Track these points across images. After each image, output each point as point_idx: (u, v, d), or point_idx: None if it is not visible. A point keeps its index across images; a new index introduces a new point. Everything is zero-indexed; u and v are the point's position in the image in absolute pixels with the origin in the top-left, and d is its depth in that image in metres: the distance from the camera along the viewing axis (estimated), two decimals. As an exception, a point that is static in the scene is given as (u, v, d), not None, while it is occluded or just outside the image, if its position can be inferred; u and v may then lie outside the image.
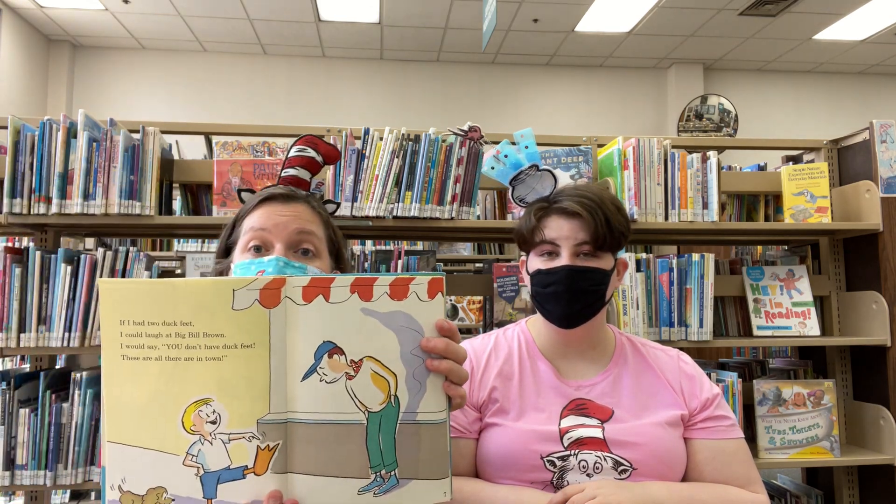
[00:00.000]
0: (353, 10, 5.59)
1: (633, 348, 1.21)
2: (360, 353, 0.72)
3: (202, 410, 0.69)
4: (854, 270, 2.20)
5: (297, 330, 0.71)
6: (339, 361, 0.71)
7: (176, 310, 0.69)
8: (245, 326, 0.70)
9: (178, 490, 0.69)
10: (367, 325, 0.72)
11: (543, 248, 1.14)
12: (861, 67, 6.99)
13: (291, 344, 0.71)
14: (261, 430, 0.69)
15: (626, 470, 1.06)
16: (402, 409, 0.72)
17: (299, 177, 1.14)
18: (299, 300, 0.71)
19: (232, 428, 0.69)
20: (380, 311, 0.72)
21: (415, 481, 0.71)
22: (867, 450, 2.04)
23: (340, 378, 0.71)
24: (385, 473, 0.71)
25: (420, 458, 0.72)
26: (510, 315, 2.01)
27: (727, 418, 1.14)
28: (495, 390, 1.14)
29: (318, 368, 0.71)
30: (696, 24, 5.86)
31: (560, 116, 6.80)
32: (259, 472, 0.69)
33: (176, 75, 6.41)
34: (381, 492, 0.71)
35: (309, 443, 0.70)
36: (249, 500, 0.69)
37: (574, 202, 1.11)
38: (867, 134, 2.14)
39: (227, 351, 0.70)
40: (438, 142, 1.86)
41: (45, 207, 1.74)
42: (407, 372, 0.73)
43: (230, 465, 0.69)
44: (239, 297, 0.70)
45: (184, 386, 0.69)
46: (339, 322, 0.71)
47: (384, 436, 0.71)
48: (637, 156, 1.96)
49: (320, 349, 0.71)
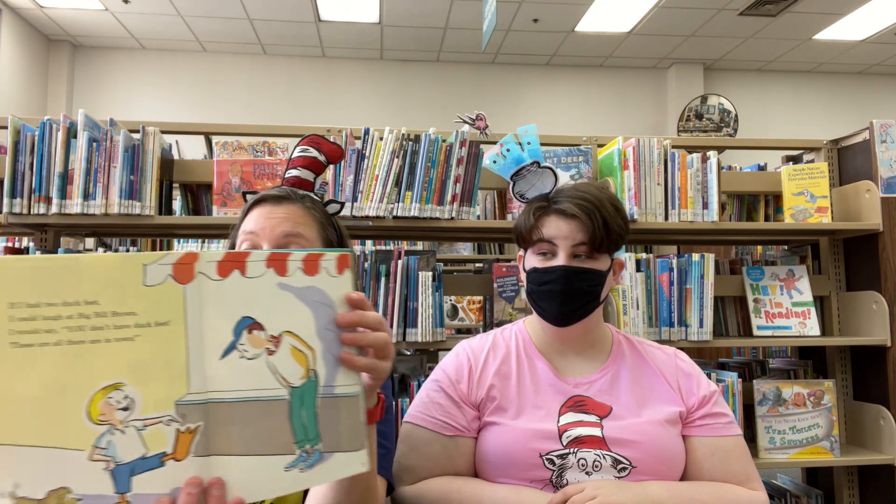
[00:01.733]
0: (353, 10, 5.58)
1: (631, 346, 1.21)
2: (279, 328, 0.70)
3: (112, 397, 0.64)
4: (854, 270, 2.20)
5: (213, 306, 0.68)
6: (260, 337, 0.70)
7: (79, 288, 0.64)
8: (159, 303, 0.66)
9: (85, 488, 0.63)
10: (285, 299, 0.71)
11: (541, 247, 1.14)
12: (861, 67, 6.99)
13: (208, 321, 0.68)
14: (180, 412, 0.66)
15: (625, 468, 1.06)
16: (321, 384, 0.71)
17: (302, 177, 1.14)
18: (214, 275, 0.68)
19: (147, 413, 0.65)
20: (295, 286, 0.72)
21: (337, 454, 0.71)
22: (867, 450, 2.04)
23: (261, 354, 0.69)
24: (310, 448, 0.70)
25: (340, 431, 0.71)
26: (510, 315, 2.01)
27: (725, 415, 1.14)
28: (493, 389, 1.14)
29: (238, 345, 0.69)
30: (696, 24, 5.86)
31: (560, 116, 6.80)
32: (180, 457, 0.65)
33: (176, 75, 6.41)
34: (307, 467, 0.69)
35: (232, 422, 0.67)
36: (169, 489, 0.65)
37: (573, 203, 1.11)
38: (867, 134, 2.14)
39: (140, 330, 0.66)
40: (438, 142, 1.86)
41: (45, 207, 1.74)
42: (323, 346, 0.72)
43: (146, 453, 0.65)
44: (150, 272, 0.66)
45: (89, 372, 0.64)
46: (257, 297, 0.70)
47: (306, 410, 0.70)
48: (637, 156, 1.96)
49: (239, 325, 0.69)
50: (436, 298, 1.86)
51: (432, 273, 1.87)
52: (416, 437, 1.13)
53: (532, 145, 1.22)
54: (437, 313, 1.86)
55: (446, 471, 1.12)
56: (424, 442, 1.12)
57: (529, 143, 1.22)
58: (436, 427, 1.12)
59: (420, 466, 1.12)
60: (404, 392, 1.95)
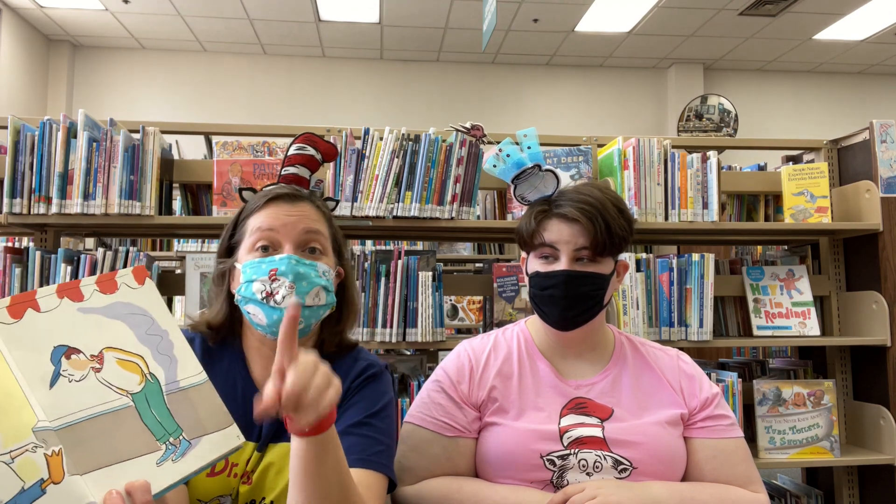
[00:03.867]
0: (353, 10, 5.58)
1: (633, 348, 1.21)
2: (97, 347, 0.74)
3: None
4: (854, 270, 2.20)
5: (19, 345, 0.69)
6: (80, 359, 0.73)
7: None
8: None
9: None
10: (91, 321, 0.75)
11: (543, 251, 1.13)
12: (861, 67, 6.99)
13: (21, 358, 0.69)
14: (40, 437, 0.67)
15: (625, 469, 1.06)
16: (164, 382, 0.76)
17: (299, 175, 1.15)
18: (7, 319, 0.70)
19: (10, 445, 0.65)
20: (97, 307, 0.76)
21: (206, 437, 0.76)
22: (867, 450, 2.04)
23: (88, 373, 0.73)
24: (174, 440, 0.74)
25: (201, 417, 0.76)
26: (510, 315, 2.01)
27: (727, 417, 1.14)
28: (495, 390, 1.14)
29: (62, 371, 0.71)
30: (696, 24, 5.86)
31: (560, 116, 6.80)
32: (57, 479, 0.66)
33: (176, 75, 6.41)
34: (178, 456, 0.74)
35: (87, 440, 0.69)
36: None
37: (574, 208, 1.10)
38: (867, 134, 2.14)
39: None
40: (438, 142, 1.86)
41: (45, 207, 1.74)
42: (151, 350, 0.77)
43: (24, 485, 0.65)
44: None
45: None
46: (61, 326, 0.73)
47: (157, 409, 0.75)
48: (637, 156, 1.96)
49: (55, 354, 0.71)
50: (436, 298, 1.86)
51: (432, 273, 1.87)
52: (416, 438, 1.13)
53: (533, 149, 1.21)
54: (437, 313, 1.86)
55: (447, 471, 1.11)
56: (425, 442, 1.12)
57: (530, 147, 1.21)
58: (436, 428, 1.12)
59: (421, 467, 1.12)
60: (404, 392, 1.95)
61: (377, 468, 0.97)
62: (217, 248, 1.09)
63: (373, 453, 0.96)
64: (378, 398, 1.03)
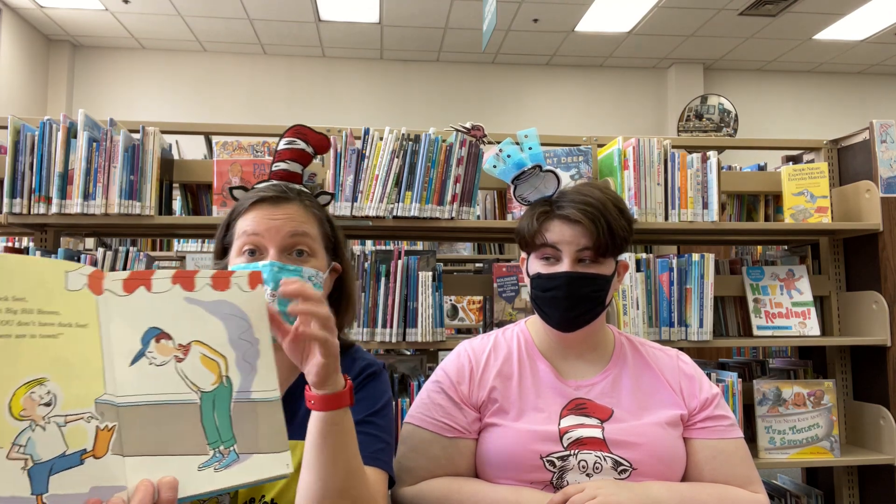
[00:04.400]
0: (353, 10, 5.58)
1: (633, 348, 1.21)
2: (187, 338, 0.75)
3: (35, 392, 0.65)
4: (854, 270, 2.20)
5: (121, 318, 0.73)
6: (168, 345, 0.74)
7: (8, 284, 0.66)
8: (78, 307, 0.70)
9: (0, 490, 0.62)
10: (192, 312, 0.75)
11: (545, 252, 1.13)
12: (861, 67, 6.99)
13: (116, 331, 0.72)
14: (99, 409, 0.68)
15: (625, 470, 1.06)
16: (236, 389, 0.75)
17: (290, 170, 1.12)
18: (119, 291, 0.73)
19: (68, 409, 0.67)
20: (204, 300, 0.76)
21: (256, 455, 0.74)
22: (867, 450, 2.04)
23: (169, 361, 0.73)
24: (224, 449, 0.73)
25: (259, 434, 0.74)
26: (510, 315, 2.01)
27: (726, 418, 1.14)
28: (495, 390, 1.14)
29: (147, 352, 0.73)
30: (696, 24, 5.86)
31: (560, 116, 6.80)
32: (99, 454, 0.67)
33: (176, 75, 6.41)
34: (221, 466, 0.72)
35: (144, 424, 0.70)
36: (88, 488, 0.65)
37: (577, 209, 1.09)
38: (867, 134, 2.14)
39: (63, 329, 0.69)
40: (438, 142, 1.86)
41: (45, 207, 1.74)
42: (237, 355, 0.76)
43: (66, 451, 0.66)
44: (71, 278, 0.71)
45: (14, 365, 0.65)
46: (164, 310, 0.74)
47: (219, 413, 0.74)
48: (637, 156, 1.96)
49: (147, 334, 0.73)
50: (436, 298, 1.86)
51: (432, 273, 1.87)
52: (416, 439, 1.13)
53: (534, 149, 1.20)
54: (437, 313, 1.86)
55: (447, 472, 1.11)
56: (425, 443, 1.12)
57: (531, 147, 1.20)
58: (436, 428, 1.12)
59: (421, 467, 1.11)
60: (404, 392, 1.95)
61: (379, 465, 0.97)
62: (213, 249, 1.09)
63: (375, 451, 0.97)
64: (378, 397, 1.03)
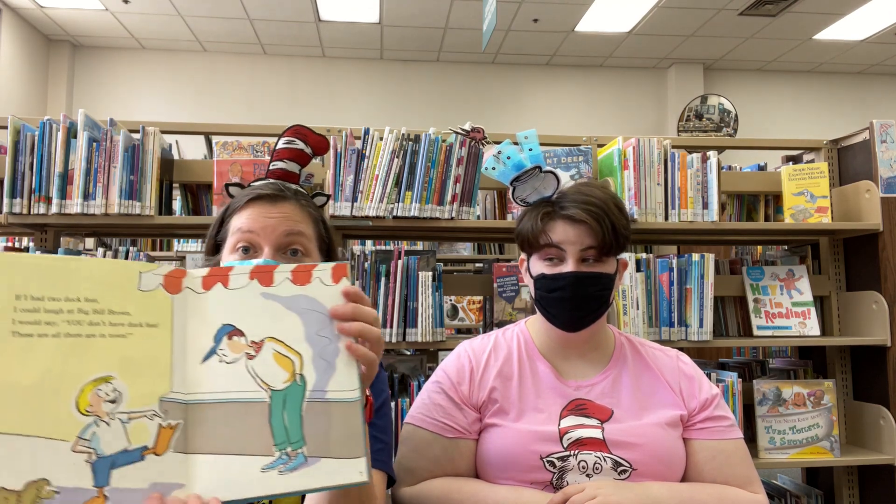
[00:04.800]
0: (353, 10, 5.58)
1: (633, 348, 1.21)
2: (260, 335, 0.73)
3: (101, 389, 0.67)
4: (854, 270, 2.20)
5: (196, 316, 0.73)
6: (239, 342, 0.73)
7: (81, 286, 0.68)
8: (149, 307, 0.71)
9: (64, 480, 0.64)
10: (269, 308, 0.74)
11: (548, 253, 1.13)
12: (861, 67, 6.98)
13: (192, 328, 0.72)
14: (163, 407, 0.69)
15: (625, 470, 1.06)
16: (310, 388, 0.72)
17: (288, 170, 1.12)
18: (199, 289, 0.73)
19: (132, 406, 0.68)
20: (281, 295, 0.75)
21: (326, 460, 0.70)
22: (867, 450, 2.04)
23: (240, 358, 0.72)
24: (291, 451, 0.70)
25: (332, 437, 0.71)
26: (510, 315, 2.01)
27: (726, 418, 1.14)
28: (495, 391, 1.14)
29: (218, 350, 0.72)
30: (696, 24, 5.86)
31: (560, 116, 6.80)
32: (160, 451, 0.68)
33: (176, 75, 6.41)
34: (286, 469, 0.70)
35: (210, 422, 0.70)
36: (147, 484, 0.66)
37: (581, 209, 1.09)
38: (867, 134, 2.14)
39: (132, 329, 0.70)
40: (438, 142, 1.86)
41: (45, 207, 1.74)
42: (313, 352, 0.74)
43: (128, 446, 0.67)
44: (145, 279, 0.72)
45: (83, 363, 0.67)
46: (239, 306, 0.74)
47: (290, 414, 0.71)
48: (637, 156, 1.96)
49: (220, 332, 0.73)
50: (436, 298, 1.86)
51: (432, 273, 1.87)
52: (417, 439, 1.13)
53: (534, 150, 1.20)
54: (437, 313, 1.86)
55: (447, 472, 1.11)
56: (425, 443, 1.12)
57: (531, 148, 1.20)
58: (437, 429, 1.12)
59: (421, 468, 1.11)
60: (404, 392, 1.95)
61: (378, 465, 0.97)
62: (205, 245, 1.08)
63: (374, 451, 0.96)
64: (376, 396, 1.03)
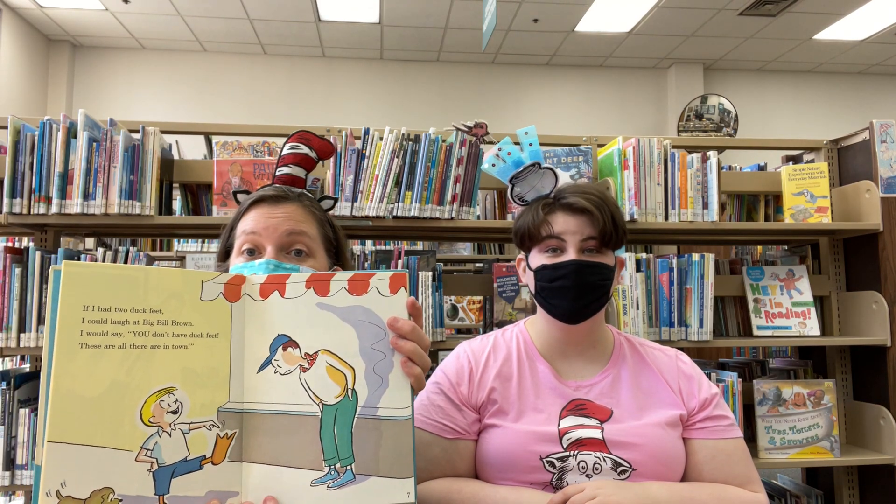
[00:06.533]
0: (353, 10, 5.58)
1: (632, 348, 1.21)
2: (315, 347, 0.73)
3: (164, 400, 0.68)
4: (854, 270, 2.20)
5: (254, 324, 0.73)
6: (294, 354, 0.73)
7: (146, 297, 0.69)
8: (210, 317, 0.71)
9: (128, 489, 0.65)
10: (323, 319, 0.73)
11: (549, 244, 1.14)
12: (861, 67, 6.98)
13: (249, 337, 0.72)
14: (221, 418, 0.70)
15: (625, 471, 1.06)
16: (361, 404, 0.72)
17: (294, 174, 1.13)
18: (257, 296, 0.73)
19: (193, 417, 0.69)
20: (337, 306, 0.74)
21: (374, 478, 0.70)
22: (867, 450, 2.04)
23: (294, 370, 0.72)
24: (340, 467, 0.70)
25: (381, 455, 0.71)
26: (510, 315, 2.01)
27: (726, 418, 1.14)
28: (494, 391, 1.14)
29: (273, 360, 0.72)
30: (696, 24, 5.86)
31: (560, 116, 6.80)
32: (217, 460, 0.69)
33: (176, 75, 6.41)
34: (335, 485, 0.70)
35: (263, 433, 0.71)
36: (204, 492, 0.68)
37: (581, 198, 1.12)
38: (867, 134, 2.14)
39: (194, 339, 0.70)
40: (438, 142, 1.86)
41: (45, 207, 1.74)
42: (367, 366, 0.73)
43: (188, 456, 0.68)
44: (206, 288, 0.72)
45: (147, 374, 0.68)
46: (294, 316, 0.73)
47: (340, 429, 0.71)
48: (637, 156, 1.96)
49: (275, 342, 0.73)
50: (436, 298, 1.86)
51: (432, 273, 1.87)
52: (416, 440, 1.13)
53: (533, 146, 1.22)
54: (437, 313, 1.86)
55: (446, 473, 1.11)
56: (424, 444, 1.12)
57: (531, 144, 1.22)
58: (436, 430, 1.12)
59: (420, 469, 1.11)
60: (404, 392, 1.95)
61: None
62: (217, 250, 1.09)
63: None
64: None
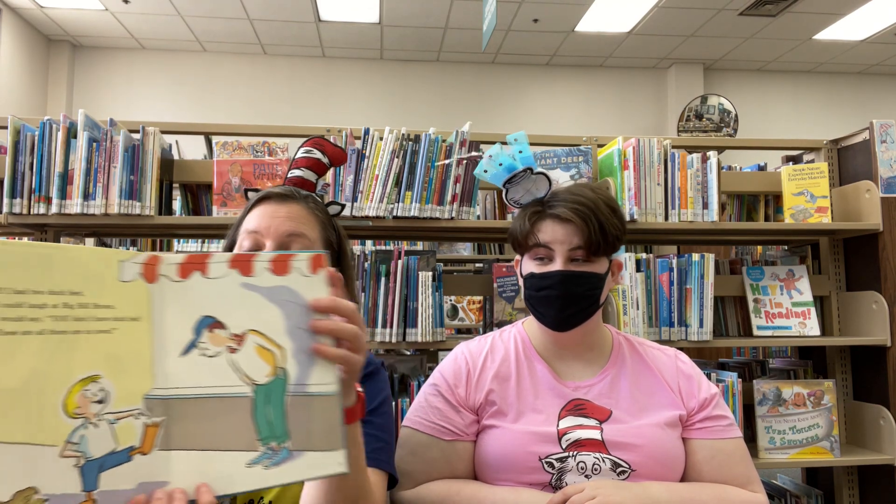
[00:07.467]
0: (353, 10, 5.58)
1: (631, 348, 1.21)
2: (242, 327, 0.71)
3: (89, 389, 0.65)
4: (854, 270, 2.20)
5: (174, 306, 0.69)
6: (221, 335, 0.70)
7: (65, 278, 0.64)
8: (132, 299, 0.68)
9: (53, 487, 0.62)
10: (249, 299, 0.71)
11: (537, 252, 1.13)
12: (861, 67, 6.98)
13: (169, 319, 0.69)
14: (147, 405, 0.67)
15: (624, 471, 1.06)
16: (292, 382, 0.71)
17: (304, 178, 1.16)
18: (175, 277, 0.70)
19: (119, 406, 0.66)
20: (262, 286, 0.72)
21: (309, 453, 0.70)
22: (867, 450, 2.04)
23: (222, 352, 0.70)
24: (276, 445, 0.69)
25: (313, 430, 0.70)
26: (510, 315, 2.01)
27: (725, 418, 1.14)
28: (492, 392, 1.14)
29: (199, 343, 0.70)
30: (696, 24, 5.86)
31: (560, 116, 6.80)
32: (146, 450, 0.66)
33: (176, 75, 6.41)
34: (272, 464, 0.69)
35: (192, 418, 0.68)
36: (135, 485, 0.65)
37: (568, 208, 1.10)
38: (867, 134, 2.14)
39: (117, 324, 0.67)
40: (438, 142, 1.86)
41: (45, 207, 1.74)
42: (295, 345, 0.71)
43: (115, 447, 0.65)
44: (124, 268, 0.68)
45: (70, 363, 0.64)
46: (219, 297, 0.71)
47: (273, 408, 0.70)
48: (637, 156, 1.96)
49: (200, 323, 0.70)
50: (436, 298, 1.86)
51: (432, 273, 1.87)
52: (414, 442, 1.13)
53: (524, 153, 1.21)
54: (437, 313, 1.86)
55: (445, 475, 1.11)
56: (423, 446, 1.12)
57: (521, 150, 1.21)
58: (434, 431, 1.12)
59: (419, 471, 1.11)
60: (404, 392, 1.95)
61: (377, 465, 0.97)
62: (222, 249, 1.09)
63: (373, 450, 0.96)
64: (375, 395, 1.03)
